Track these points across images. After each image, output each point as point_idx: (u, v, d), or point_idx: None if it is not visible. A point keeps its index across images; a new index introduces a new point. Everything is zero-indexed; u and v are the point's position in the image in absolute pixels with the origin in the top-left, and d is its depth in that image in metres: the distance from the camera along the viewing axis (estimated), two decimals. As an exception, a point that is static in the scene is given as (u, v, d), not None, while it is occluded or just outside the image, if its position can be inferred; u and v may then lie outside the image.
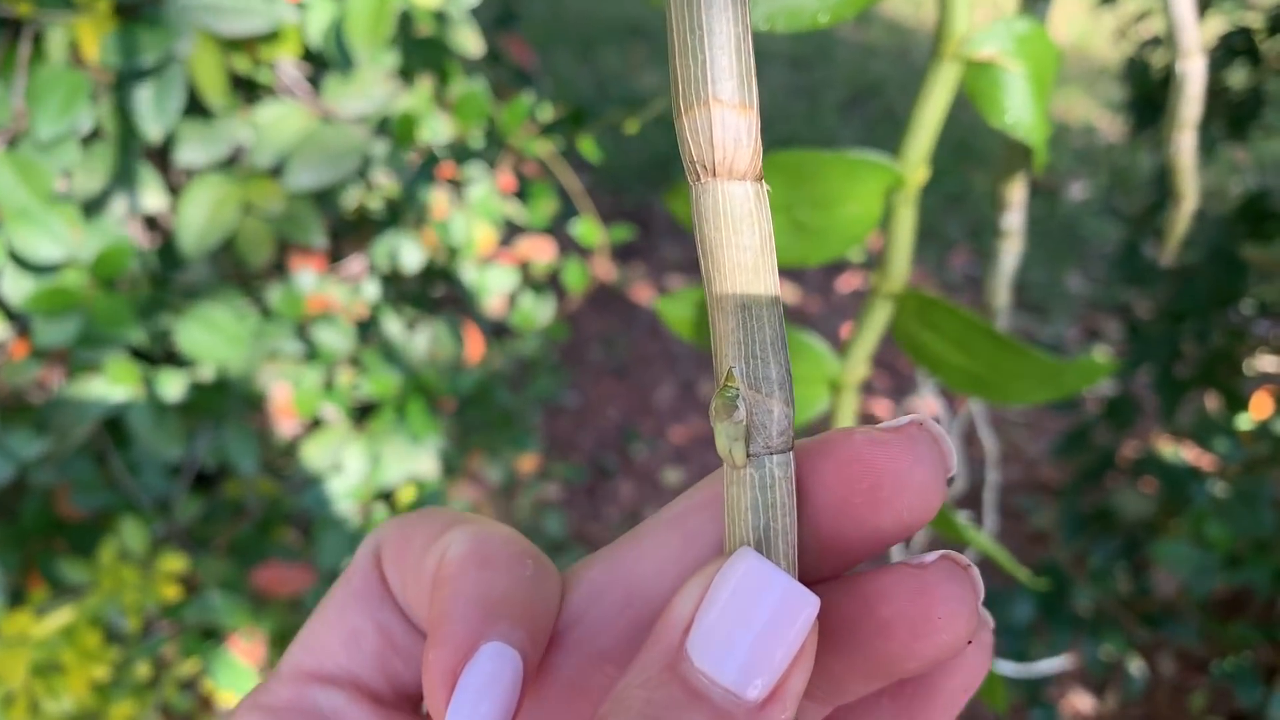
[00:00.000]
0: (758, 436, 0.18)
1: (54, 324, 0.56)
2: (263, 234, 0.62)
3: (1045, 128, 0.35)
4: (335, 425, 0.83)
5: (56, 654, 0.72)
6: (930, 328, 0.41)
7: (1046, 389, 0.39)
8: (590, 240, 0.87)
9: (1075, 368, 0.38)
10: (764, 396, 0.18)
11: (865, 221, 0.37)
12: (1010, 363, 0.39)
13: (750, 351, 0.18)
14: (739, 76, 0.17)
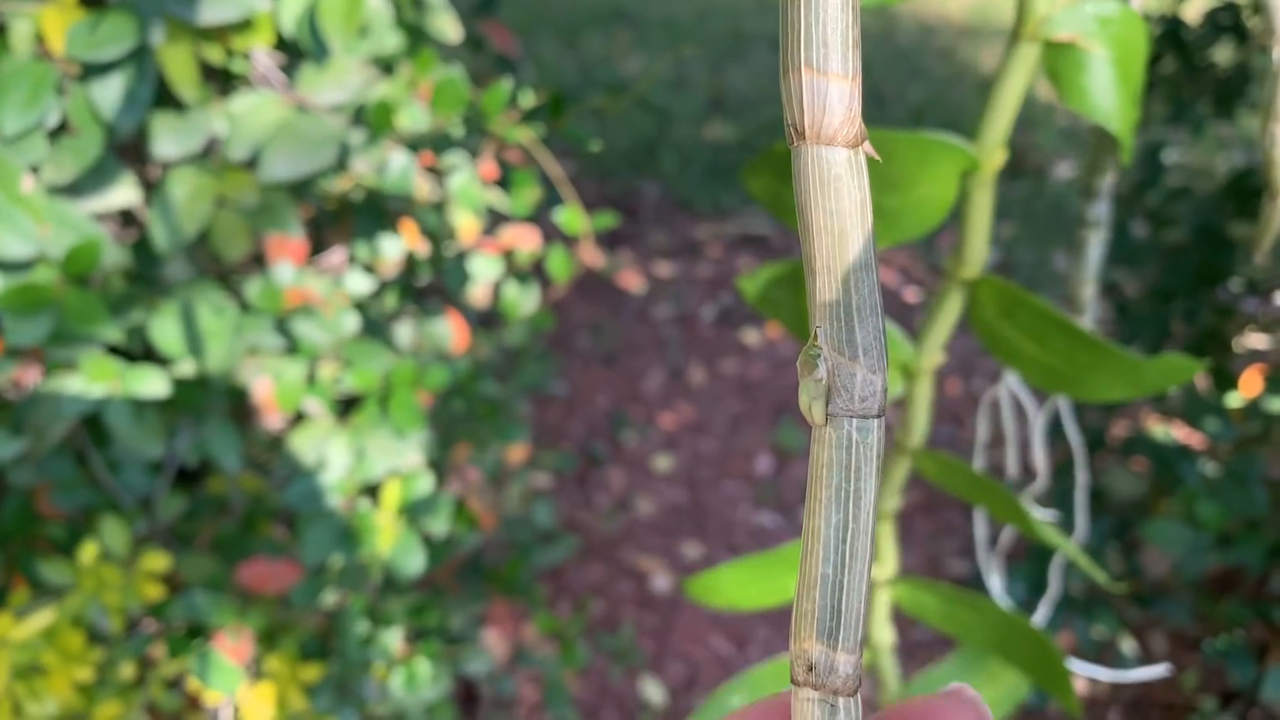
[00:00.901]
0: (838, 398, 0.18)
1: (25, 322, 0.55)
2: (238, 227, 0.61)
3: (1131, 114, 0.34)
4: (318, 419, 0.82)
5: (38, 656, 0.71)
6: (1006, 317, 0.40)
7: (1126, 386, 0.38)
8: (574, 228, 0.86)
9: (1156, 366, 0.37)
10: (847, 359, 0.18)
11: (939, 204, 0.36)
12: (1087, 358, 0.38)
13: (835, 314, 0.18)
14: (840, 46, 0.17)
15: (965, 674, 0.53)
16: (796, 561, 0.53)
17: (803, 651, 0.19)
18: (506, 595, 1.14)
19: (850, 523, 0.18)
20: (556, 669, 1.17)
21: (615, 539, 1.59)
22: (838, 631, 0.18)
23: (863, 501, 0.18)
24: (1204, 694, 1.34)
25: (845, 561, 0.18)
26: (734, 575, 0.49)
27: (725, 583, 0.49)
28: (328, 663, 0.82)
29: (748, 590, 0.49)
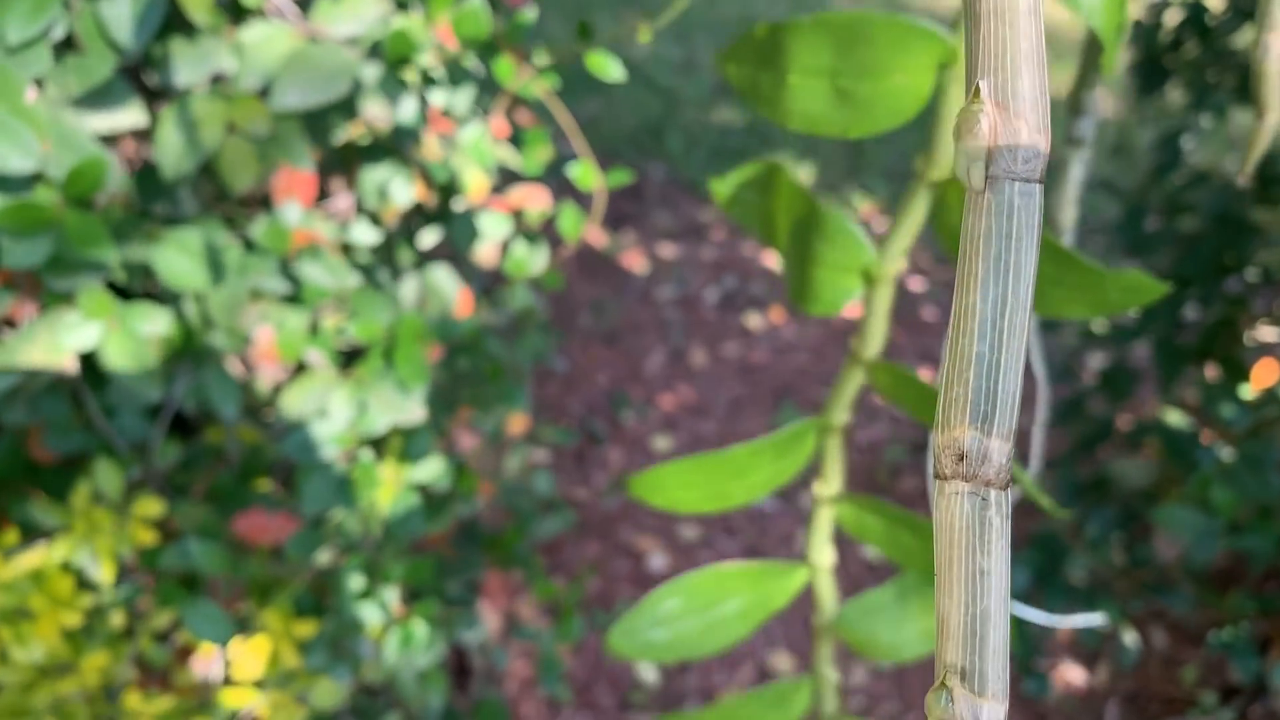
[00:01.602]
0: (1000, 160, 0.17)
1: (23, 244, 0.53)
2: (247, 155, 0.58)
3: (1116, 14, 0.32)
4: (320, 370, 0.80)
5: (26, 600, 0.69)
6: None
7: (1087, 302, 0.36)
8: (587, 183, 0.84)
9: (1120, 280, 0.35)
10: (1011, 115, 0.17)
11: (914, 95, 0.34)
12: (1051, 267, 0.36)
13: (1001, 63, 0.17)
14: None
15: (902, 601, 0.52)
16: (743, 466, 0.52)
17: (953, 440, 0.18)
18: (503, 565, 1.12)
19: (1009, 296, 0.17)
20: (550, 642, 1.16)
21: (613, 517, 1.57)
22: (992, 415, 0.17)
23: (1023, 273, 0.17)
24: (1204, 688, 1.32)
25: (1002, 339, 0.17)
26: (678, 474, 0.48)
27: (669, 481, 0.48)
28: (322, 620, 0.80)
29: (690, 491, 0.48)
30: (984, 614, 0.19)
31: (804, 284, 0.44)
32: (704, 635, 0.50)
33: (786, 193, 0.43)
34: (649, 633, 0.50)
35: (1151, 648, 1.40)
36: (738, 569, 0.50)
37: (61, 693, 0.74)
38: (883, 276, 0.41)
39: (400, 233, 0.91)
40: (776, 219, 0.45)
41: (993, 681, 0.19)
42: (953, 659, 0.19)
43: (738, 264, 2.12)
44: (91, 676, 0.74)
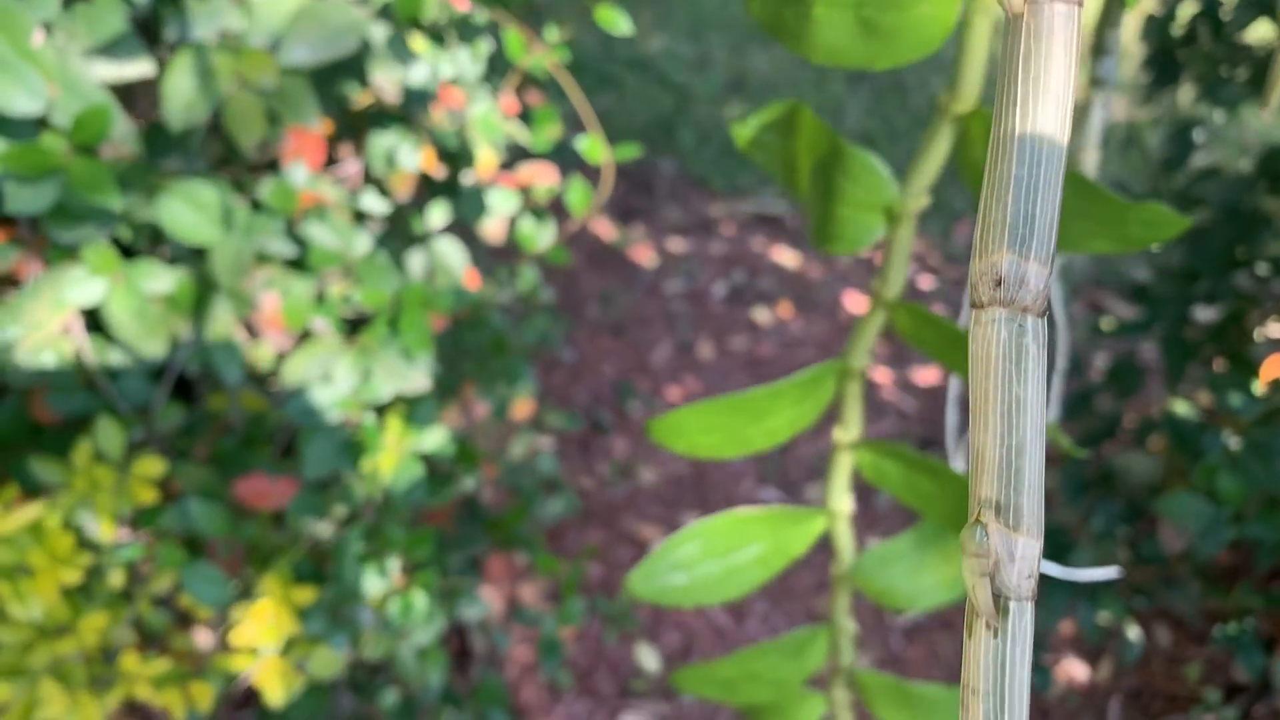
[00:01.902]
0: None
1: (28, 188, 0.53)
2: (255, 110, 0.58)
3: None
4: (325, 337, 0.79)
5: (25, 556, 0.69)
6: None
7: (1110, 236, 0.36)
8: (595, 157, 0.84)
9: (1141, 213, 0.35)
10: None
11: (939, 25, 0.34)
12: (1074, 199, 0.36)
13: None
14: None
15: (921, 549, 0.52)
16: (763, 409, 0.51)
17: (990, 266, 0.18)
18: (505, 545, 1.12)
19: (1047, 117, 0.17)
20: (552, 625, 1.15)
21: (616, 506, 1.57)
22: (1030, 239, 0.18)
23: (1061, 95, 0.17)
24: (1208, 686, 1.31)
25: (1040, 161, 0.17)
26: (698, 417, 0.47)
27: (689, 424, 0.47)
28: (322, 588, 0.80)
29: (710, 436, 0.48)
30: (1019, 446, 0.19)
31: (826, 223, 0.44)
32: (723, 580, 0.50)
33: (809, 132, 0.43)
34: (668, 577, 0.50)
35: (1155, 645, 1.39)
36: (757, 514, 0.50)
37: (60, 653, 0.74)
38: (905, 213, 0.41)
39: (409, 206, 0.91)
40: (798, 160, 0.45)
41: (1028, 516, 0.19)
42: (988, 493, 0.19)
43: (746, 259, 2.12)
44: (90, 638, 0.74)
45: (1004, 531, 0.19)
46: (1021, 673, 0.20)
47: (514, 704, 1.31)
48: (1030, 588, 0.20)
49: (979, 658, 0.20)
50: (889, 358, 1.91)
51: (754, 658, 0.55)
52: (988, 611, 0.20)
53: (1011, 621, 0.20)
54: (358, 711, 1.04)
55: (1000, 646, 0.20)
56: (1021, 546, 0.19)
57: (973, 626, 0.20)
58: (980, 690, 0.20)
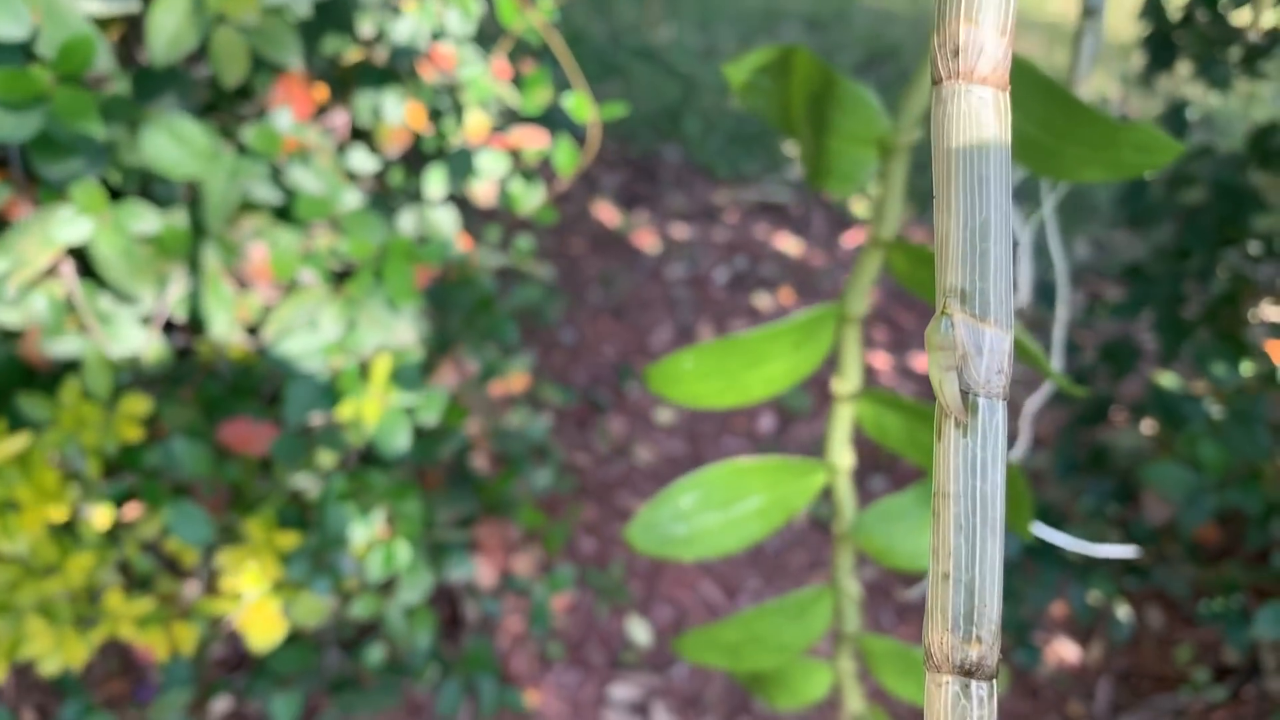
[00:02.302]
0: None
1: (13, 116, 0.54)
2: (237, 47, 0.60)
3: None
4: (312, 288, 0.81)
5: (12, 491, 0.70)
6: None
7: (1103, 162, 0.36)
8: (582, 115, 0.85)
9: (1133, 136, 0.35)
10: None
11: None
12: (1066, 122, 0.36)
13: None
14: None
15: (923, 507, 0.51)
16: (761, 353, 0.50)
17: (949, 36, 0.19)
18: (495, 510, 1.13)
19: None
20: (542, 591, 1.16)
21: (611, 483, 1.58)
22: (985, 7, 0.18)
23: None
24: (1197, 666, 1.32)
25: None
26: (695, 362, 0.47)
27: (686, 371, 0.47)
28: (305, 533, 0.81)
29: (708, 383, 0.47)
30: (983, 227, 0.18)
31: (820, 159, 0.44)
32: (723, 532, 0.50)
33: (803, 70, 0.43)
34: (668, 527, 0.49)
35: (1146, 626, 1.39)
36: (757, 464, 0.49)
37: (46, 592, 0.75)
38: (898, 146, 0.40)
39: (398, 165, 0.92)
40: (793, 101, 0.44)
41: (995, 305, 0.19)
42: (953, 281, 0.19)
43: (749, 246, 2.13)
44: (76, 577, 0.75)
45: (970, 321, 0.18)
46: (994, 474, 0.19)
47: (504, 673, 1.32)
48: (1000, 384, 0.19)
49: (948, 459, 0.19)
50: (889, 344, 1.92)
51: (757, 619, 0.54)
52: (956, 408, 0.19)
53: (981, 419, 0.19)
54: (344, 669, 1.05)
55: (970, 446, 0.19)
56: (990, 338, 0.19)
57: (941, 427, 0.19)
58: (951, 493, 0.19)
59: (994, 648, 0.19)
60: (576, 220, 2.12)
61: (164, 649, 0.79)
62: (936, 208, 0.19)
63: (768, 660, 0.55)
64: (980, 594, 0.18)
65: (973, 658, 0.18)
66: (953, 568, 0.19)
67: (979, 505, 0.19)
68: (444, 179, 0.89)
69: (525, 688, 1.31)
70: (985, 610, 0.18)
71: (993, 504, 0.19)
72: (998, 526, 0.19)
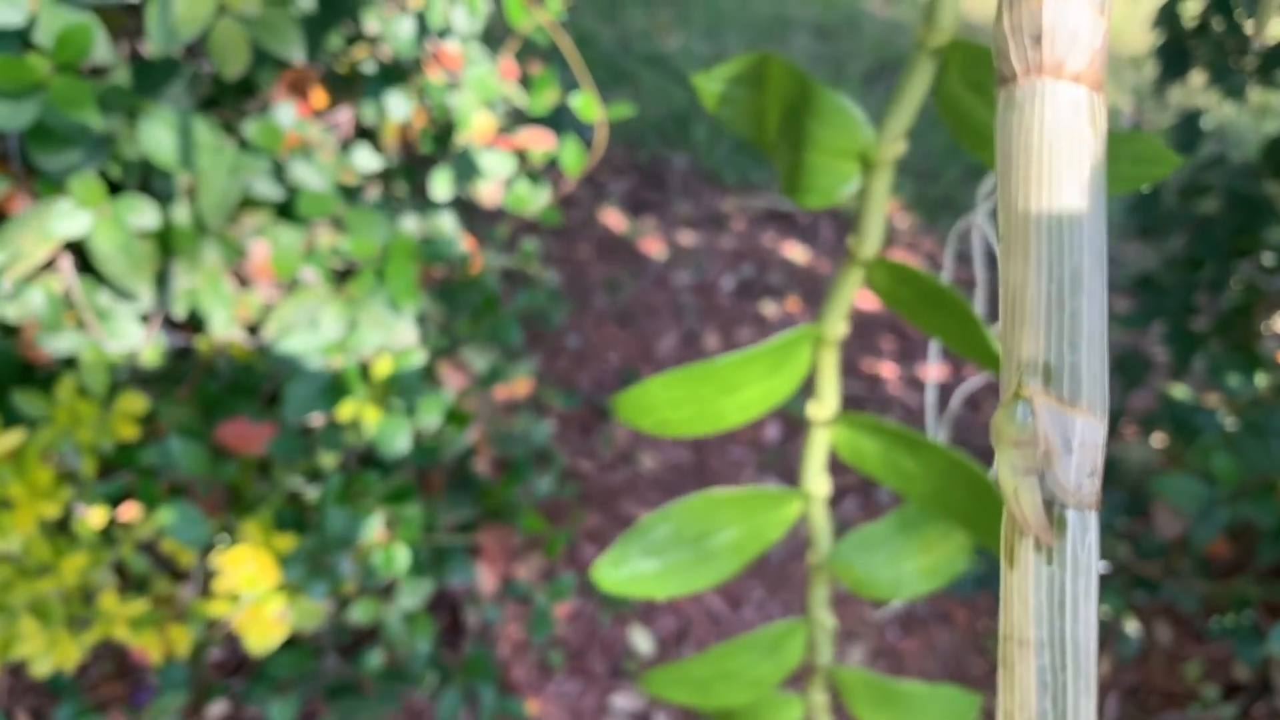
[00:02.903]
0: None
1: (10, 104, 0.53)
2: (238, 38, 0.59)
3: None
4: (313, 287, 0.80)
5: (6, 488, 0.69)
6: (974, 89, 0.36)
7: None
8: (589, 114, 0.84)
9: (1133, 144, 0.32)
10: None
11: None
12: None
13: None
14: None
15: (903, 535, 0.49)
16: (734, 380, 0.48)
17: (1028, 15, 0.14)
18: (496, 516, 1.12)
19: None
20: (544, 599, 1.15)
21: (615, 490, 1.57)
22: None
23: None
24: (1207, 683, 1.30)
25: None
26: (666, 389, 0.44)
27: (657, 398, 0.43)
28: (303, 536, 0.80)
29: (680, 410, 0.44)
30: (1074, 277, 0.14)
31: (796, 172, 0.41)
32: (696, 567, 0.47)
33: (779, 80, 0.41)
34: (638, 563, 0.46)
35: (1156, 642, 1.38)
36: (730, 495, 0.47)
37: (39, 592, 0.74)
38: (882, 160, 0.38)
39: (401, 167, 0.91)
40: (768, 112, 0.43)
41: (1089, 383, 0.14)
42: (1031, 352, 0.14)
43: (756, 254, 2.12)
44: (70, 577, 0.74)
45: (1057, 407, 0.14)
46: (1086, 611, 0.15)
47: (505, 681, 1.31)
48: (1094, 491, 0.15)
49: (1027, 594, 0.15)
50: (896, 353, 1.90)
51: (729, 655, 0.52)
52: (1039, 525, 0.14)
53: (1071, 538, 0.14)
54: (343, 674, 1.04)
55: (1057, 575, 0.14)
56: (1081, 429, 0.14)
57: (1014, 550, 0.15)
58: (1032, 640, 0.15)
59: None
60: (583, 226, 2.11)
61: (159, 651, 0.78)
62: (1003, 253, 0.15)
63: (738, 696, 0.53)
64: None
65: None
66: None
67: (1069, 655, 0.14)
68: (449, 180, 0.88)
69: (526, 696, 1.30)
70: None
71: (1085, 652, 0.15)
72: (1091, 681, 0.15)
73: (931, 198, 2.33)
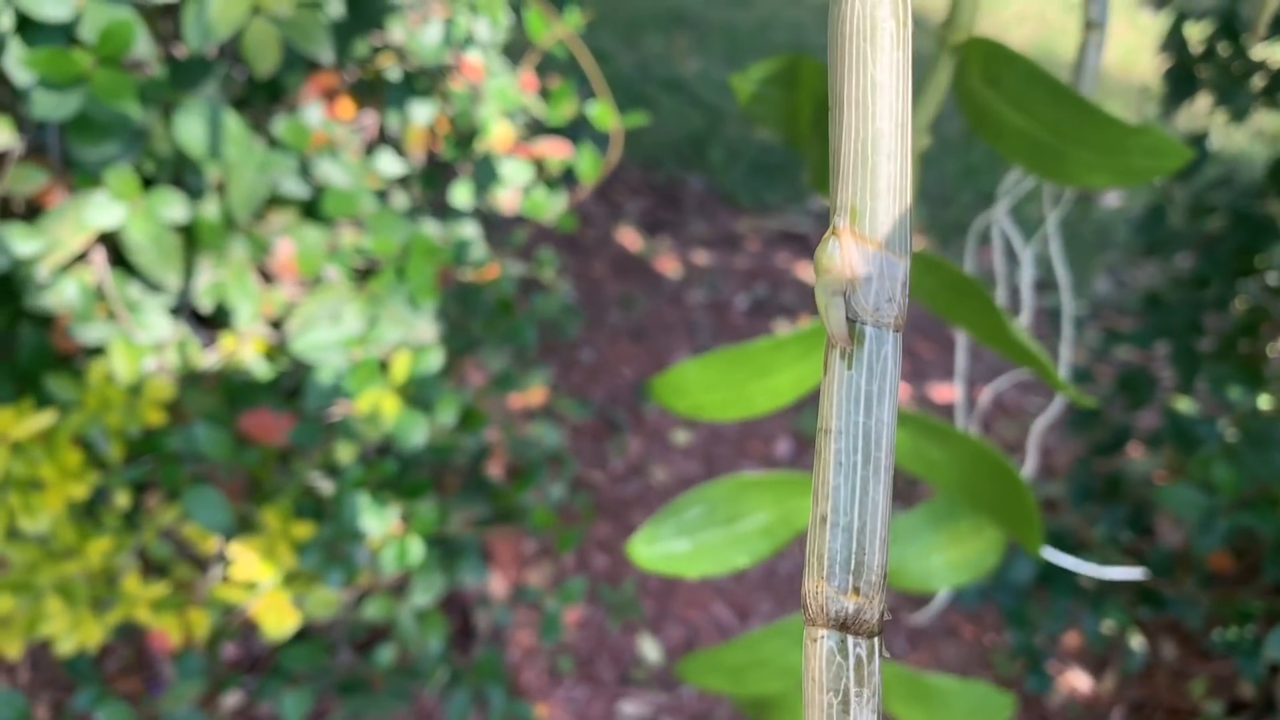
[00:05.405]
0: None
1: (54, 95, 0.56)
2: (270, 37, 0.62)
3: None
4: (336, 284, 0.82)
5: (36, 470, 0.72)
6: (992, 84, 0.38)
7: (1110, 167, 0.35)
8: (605, 123, 0.87)
9: (1144, 138, 0.33)
10: None
11: None
12: (1073, 124, 0.35)
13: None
14: None
15: (933, 528, 0.50)
16: (766, 364, 0.49)
17: None
18: (508, 518, 1.14)
19: None
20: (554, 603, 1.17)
21: (627, 501, 1.59)
22: None
23: None
24: (1211, 699, 1.30)
25: None
26: (700, 372, 0.46)
27: (691, 382, 0.46)
28: (321, 524, 0.82)
29: (713, 394, 0.46)
30: (875, 138, 0.17)
31: (825, 165, 0.44)
32: (727, 549, 0.48)
33: (810, 79, 0.43)
34: (671, 542, 0.48)
35: (1160, 659, 1.38)
36: (762, 478, 0.48)
37: (65, 574, 0.77)
38: None
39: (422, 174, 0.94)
40: (800, 110, 0.45)
41: (886, 224, 0.17)
42: (842, 198, 0.18)
43: (770, 274, 2.14)
44: (95, 559, 0.77)
45: (859, 242, 0.17)
46: (880, 410, 0.17)
47: (514, 686, 1.32)
48: (892, 314, 0.18)
49: (832, 393, 0.18)
50: (908, 374, 1.92)
51: (761, 642, 0.53)
52: (841, 337, 0.18)
53: (869, 350, 0.17)
54: (355, 670, 1.06)
55: (854, 378, 0.17)
56: (880, 261, 0.17)
57: (826, 360, 0.18)
58: (833, 429, 0.17)
59: (875, 601, 0.17)
60: (599, 244, 2.14)
61: (178, 634, 0.80)
62: (831, 121, 0.18)
63: (772, 685, 0.53)
64: (861, 540, 0.17)
65: (849, 610, 0.17)
66: (830, 510, 0.17)
67: (863, 443, 0.17)
68: (470, 189, 0.91)
69: (535, 701, 1.31)
70: (866, 558, 0.17)
71: (878, 442, 0.17)
72: (883, 467, 0.17)
73: (945, 222, 2.35)
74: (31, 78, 0.56)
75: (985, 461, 0.46)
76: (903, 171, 0.18)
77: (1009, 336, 0.41)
